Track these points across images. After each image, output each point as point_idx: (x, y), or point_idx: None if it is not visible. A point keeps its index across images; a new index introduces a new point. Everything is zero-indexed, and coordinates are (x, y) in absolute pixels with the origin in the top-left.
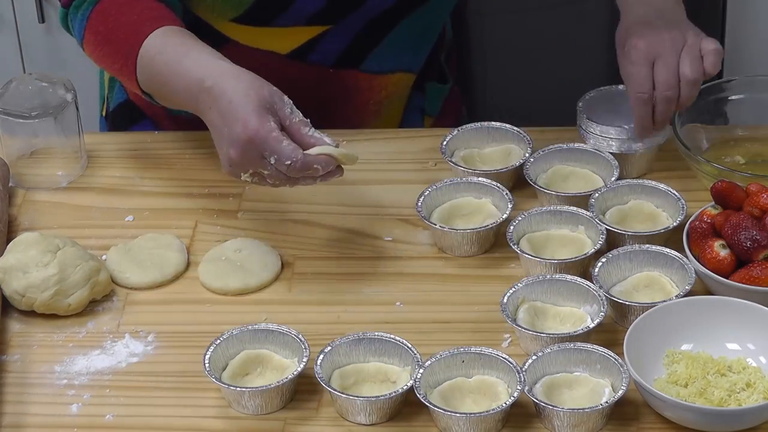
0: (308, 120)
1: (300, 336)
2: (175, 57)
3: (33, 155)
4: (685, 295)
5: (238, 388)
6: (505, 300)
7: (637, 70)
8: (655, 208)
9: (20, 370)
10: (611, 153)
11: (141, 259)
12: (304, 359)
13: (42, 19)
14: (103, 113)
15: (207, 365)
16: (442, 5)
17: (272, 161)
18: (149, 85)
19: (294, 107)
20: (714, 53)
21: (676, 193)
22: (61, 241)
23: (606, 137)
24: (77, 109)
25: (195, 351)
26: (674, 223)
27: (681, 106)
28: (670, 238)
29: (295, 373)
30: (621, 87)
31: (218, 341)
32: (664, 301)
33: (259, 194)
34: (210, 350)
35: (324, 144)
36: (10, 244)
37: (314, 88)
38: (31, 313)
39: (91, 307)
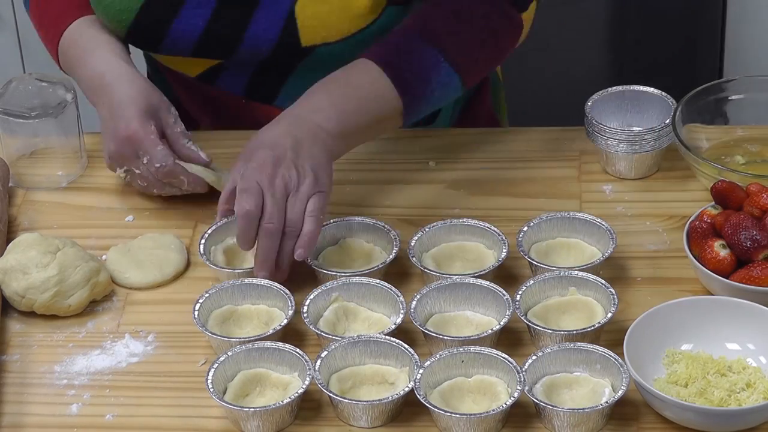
0: (189, 133)
1: (297, 350)
2: (86, 49)
3: (33, 155)
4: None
5: (244, 409)
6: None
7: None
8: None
9: (20, 370)
10: (622, 153)
11: (141, 259)
12: (308, 377)
13: None
14: None
15: (210, 388)
16: (337, 60)
17: (144, 161)
18: (67, 68)
19: (178, 119)
20: (308, 236)
21: (604, 223)
22: (60, 241)
23: (615, 138)
24: (77, 109)
25: (195, 351)
26: (606, 254)
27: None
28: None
29: (300, 391)
30: (629, 87)
31: (215, 365)
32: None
33: None
34: (210, 374)
35: (199, 158)
36: (10, 244)
37: (233, 112)
38: (31, 313)
39: (91, 307)
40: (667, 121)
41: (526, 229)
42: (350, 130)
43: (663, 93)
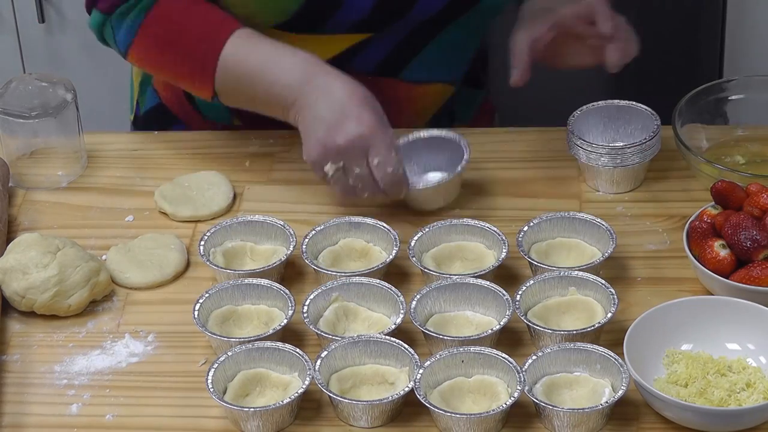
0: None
1: (297, 350)
2: (270, 57)
3: (33, 155)
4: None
5: (244, 409)
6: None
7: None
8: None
9: (20, 370)
10: (603, 167)
11: (141, 259)
12: (308, 377)
13: (42, 19)
14: (131, 118)
15: (210, 388)
16: (482, 16)
17: (375, 162)
18: (228, 86)
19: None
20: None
21: (604, 223)
22: (60, 241)
23: (597, 153)
24: (77, 109)
25: (195, 351)
26: (606, 254)
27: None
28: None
29: (300, 391)
30: (613, 102)
31: (215, 365)
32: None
33: (259, 194)
34: (210, 374)
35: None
36: (10, 244)
37: None
38: (31, 313)
39: (91, 307)
40: (650, 135)
41: (526, 229)
42: None
43: (647, 108)
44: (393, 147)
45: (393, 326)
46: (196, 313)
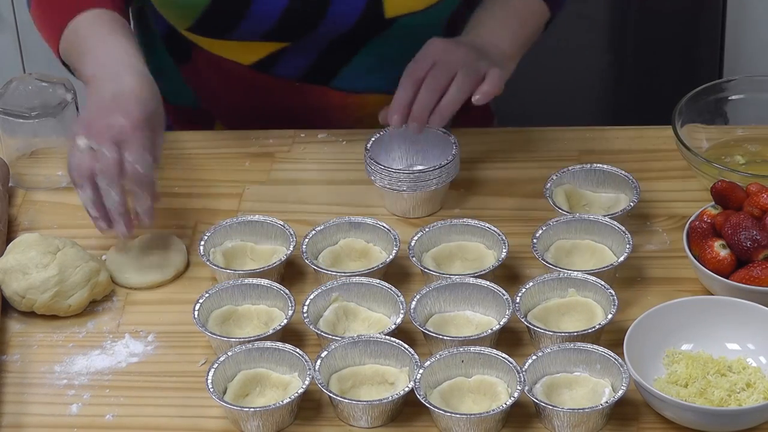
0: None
1: (297, 350)
2: (104, 35)
3: (33, 155)
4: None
5: (244, 409)
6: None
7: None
8: (596, 243)
9: (20, 370)
10: (405, 192)
11: (141, 259)
12: (308, 377)
13: None
14: None
15: (210, 388)
16: (404, 33)
17: (128, 157)
18: (67, 57)
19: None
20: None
21: (621, 227)
22: (60, 241)
23: (393, 177)
24: (77, 109)
25: (195, 351)
26: (621, 259)
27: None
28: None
29: (300, 391)
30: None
31: (215, 365)
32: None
33: (259, 194)
34: (210, 374)
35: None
36: (10, 245)
37: (285, 99)
38: (31, 313)
39: (91, 307)
40: (448, 159)
41: (545, 228)
42: (519, 48)
43: (445, 131)
44: (150, 151)
45: (393, 326)
46: (196, 313)
